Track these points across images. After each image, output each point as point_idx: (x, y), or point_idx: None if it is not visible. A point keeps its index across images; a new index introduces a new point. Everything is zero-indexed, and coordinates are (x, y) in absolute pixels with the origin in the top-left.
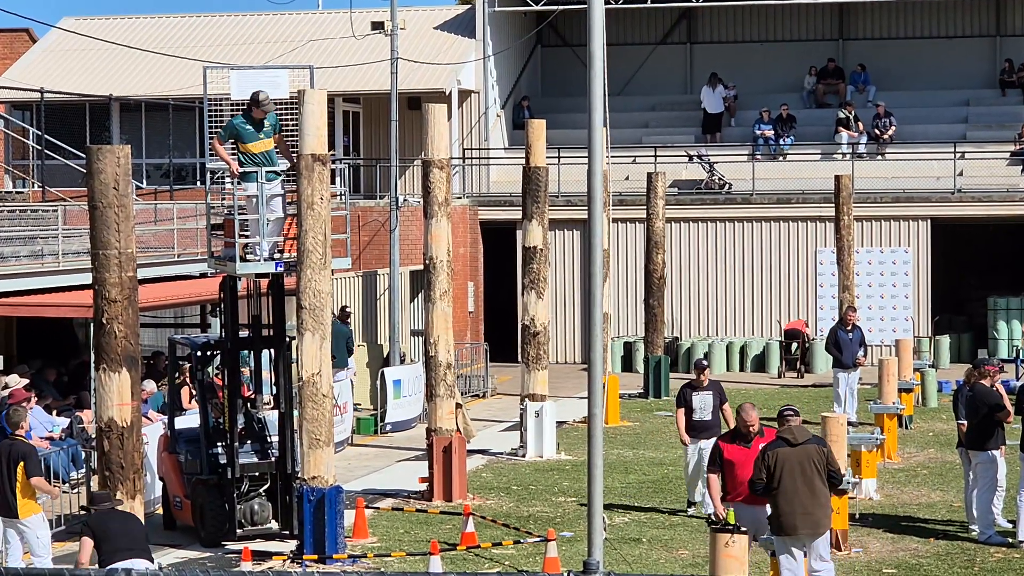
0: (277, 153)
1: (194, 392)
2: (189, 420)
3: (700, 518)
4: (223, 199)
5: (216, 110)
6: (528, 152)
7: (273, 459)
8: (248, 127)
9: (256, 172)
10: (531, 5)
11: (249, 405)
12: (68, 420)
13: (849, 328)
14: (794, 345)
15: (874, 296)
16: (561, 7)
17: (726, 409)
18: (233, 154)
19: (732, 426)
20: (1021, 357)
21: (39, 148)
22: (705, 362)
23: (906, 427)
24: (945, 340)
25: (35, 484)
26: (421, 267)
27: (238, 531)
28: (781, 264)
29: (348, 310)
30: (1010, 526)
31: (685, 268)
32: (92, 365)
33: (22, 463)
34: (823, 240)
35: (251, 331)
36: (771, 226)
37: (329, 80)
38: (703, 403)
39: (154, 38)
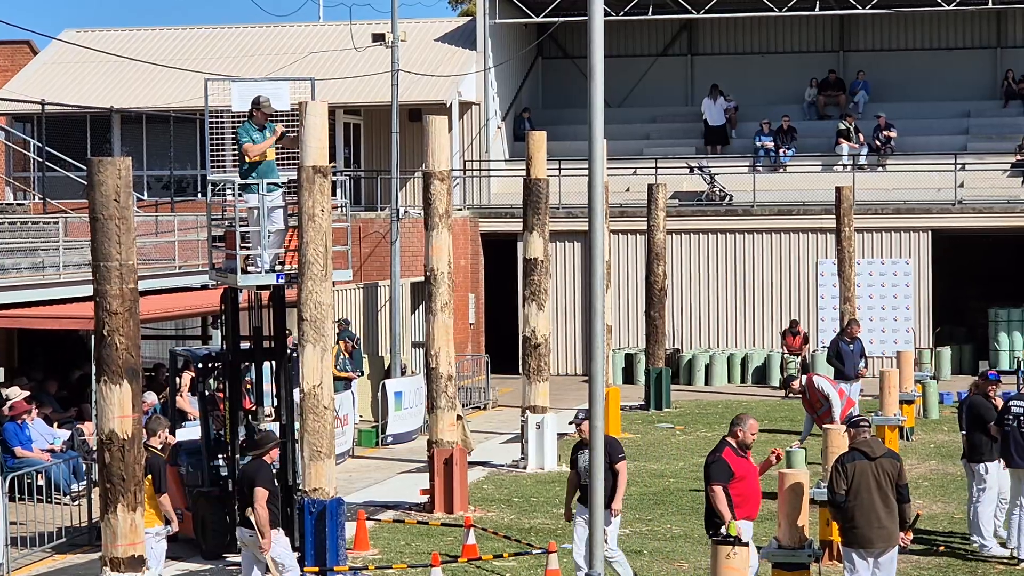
0: (279, 149)
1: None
2: (190, 432)
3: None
4: (224, 211)
5: (217, 122)
6: (529, 164)
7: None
8: (253, 132)
9: (258, 184)
10: (532, 17)
11: (250, 417)
12: (69, 432)
13: (850, 340)
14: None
15: (875, 308)
16: (562, 19)
17: (618, 469)
18: (235, 166)
19: (622, 487)
20: (1022, 369)
21: (40, 160)
22: (582, 415)
23: (907, 439)
24: (946, 352)
25: (161, 501)
26: (422, 279)
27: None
28: (782, 276)
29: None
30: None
31: (686, 280)
32: (93, 377)
33: (150, 476)
34: (824, 252)
35: (252, 343)
36: (772, 238)
37: (330, 92)
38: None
39: (155, 50)
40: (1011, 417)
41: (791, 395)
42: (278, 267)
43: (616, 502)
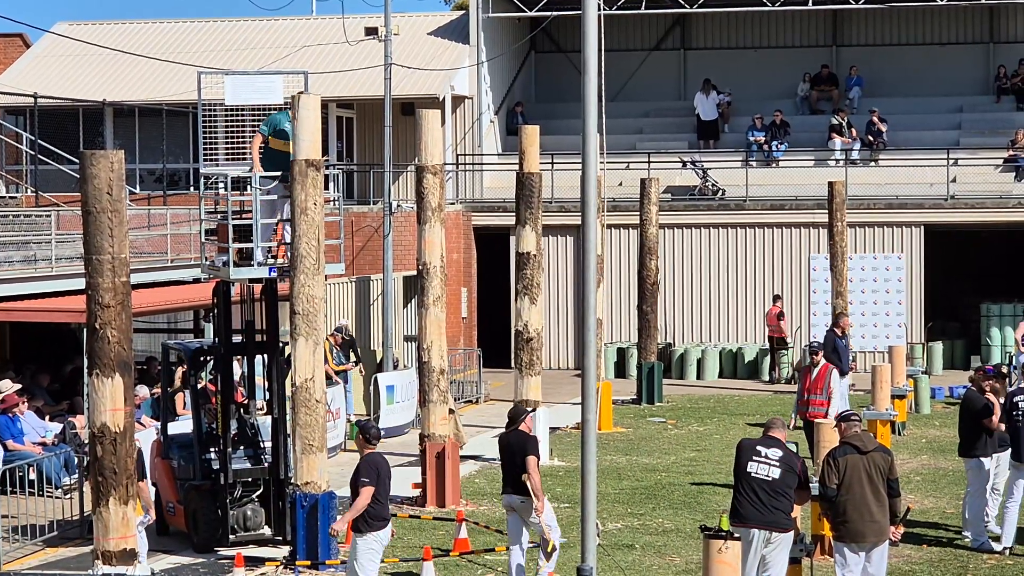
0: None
1: (187, 399)
2: (182, 425)
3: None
4: (217, 204)
5: (210, 115)
6: (522, 158)
7: (266, 465)
8: (285, 122)
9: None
10: (525, 11)
11: (242, 411)
12: (61, 425)
13: (842, 335)
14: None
15: (867, 302)
16: (555, 13)
17: (361, 492)
18: (260, 152)
19: (357, 508)
20: (1014, 364)
21: (32, 153)
22: (372, 430)
23: (899, 433)
24: (938, 346)
25: (140, 487)
26: (414, 272)
27: (231, 537)
28: (774, 270)
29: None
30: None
31: (678, 274)
32: (85, 370)
33: None
34: (816, 246)
35: (244, 336)
36: (764, 232)
37: (323, 86)
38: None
39: (148, 43)
40: (1019, 412)
41: (795, 378)
42: (270, 260)
43: (339, 522)
